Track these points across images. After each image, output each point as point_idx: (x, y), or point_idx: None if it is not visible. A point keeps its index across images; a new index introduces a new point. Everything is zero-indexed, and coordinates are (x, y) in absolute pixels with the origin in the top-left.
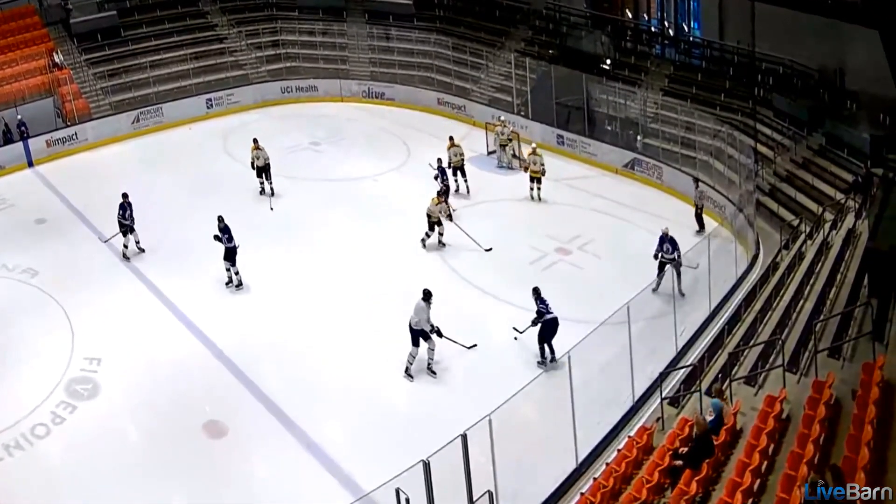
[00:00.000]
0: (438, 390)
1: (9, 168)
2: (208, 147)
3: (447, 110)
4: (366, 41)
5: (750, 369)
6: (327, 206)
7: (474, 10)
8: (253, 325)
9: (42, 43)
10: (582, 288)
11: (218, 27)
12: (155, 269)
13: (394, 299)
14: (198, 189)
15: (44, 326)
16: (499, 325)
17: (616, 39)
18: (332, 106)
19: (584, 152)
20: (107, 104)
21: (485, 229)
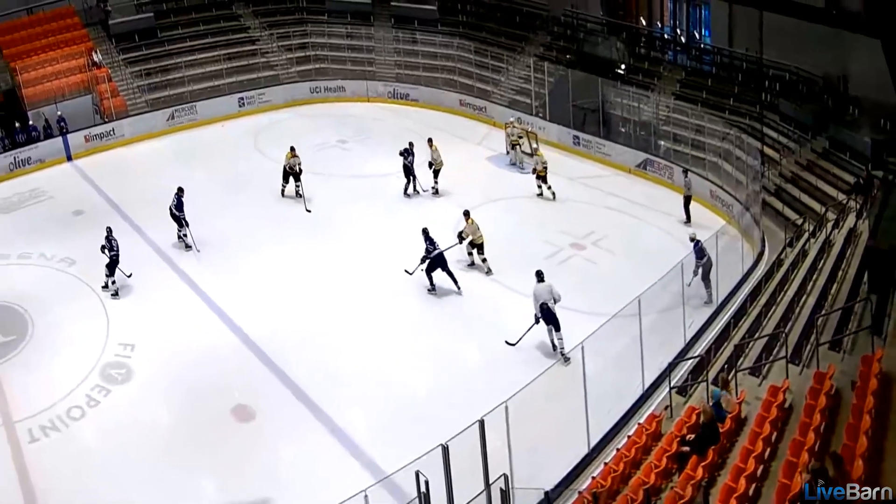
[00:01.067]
0: (457, 379)
1: (48, 162)
2: (240, 144)
3: (469, 111)
4: (392, 44)
5: (754, 361)
6: (354, 201)
7: (496, 16)
8: (281, 315)
9: (82, 43)
10: (595, 282)
11: (250, 29)
12: (188, 260)
13: (416, 293)
14: (229, 184)
15: (80, 313)
16: (515, 317)
17: (630, 46)
18: (358, 106)
19: (598, 152)
20: (143, 102)
21: (502, 225)
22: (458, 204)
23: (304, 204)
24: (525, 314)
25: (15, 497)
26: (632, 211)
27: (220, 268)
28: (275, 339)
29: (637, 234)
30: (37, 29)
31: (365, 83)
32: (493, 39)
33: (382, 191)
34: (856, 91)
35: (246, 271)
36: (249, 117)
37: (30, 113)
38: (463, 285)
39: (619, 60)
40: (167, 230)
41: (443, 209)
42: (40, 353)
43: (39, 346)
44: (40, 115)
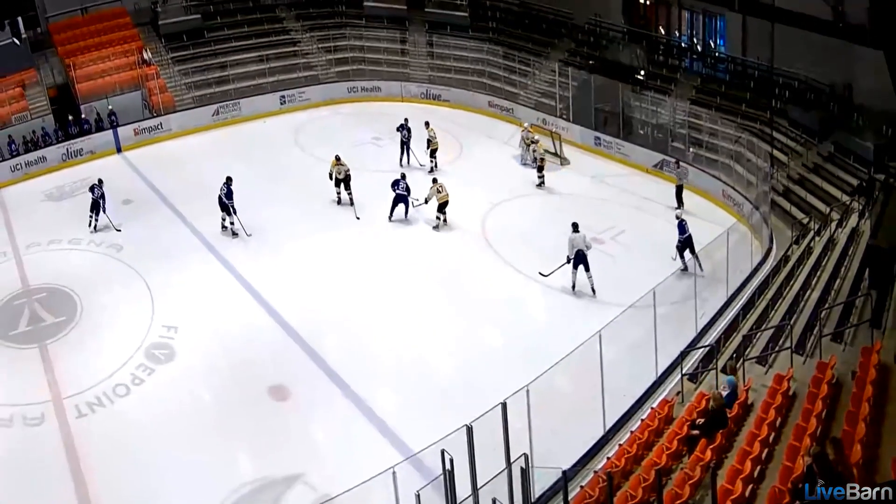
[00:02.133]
0: (481, 362)
1: (99, 153)
2: (281, 139)
3: (497, 112)
4: (425, 48)
5: (761, 350)
6: (387, 194)
7: (523, 23)
8: (317, 300)
9: (132, 42)
10: (613, 274)
11: (292, 32)
12: (230, 247)
13: (441, 278)
14: (270, 177)
15: (127, 296)
16: (536, 305)
17: (650, 53)
18: (393, 105)
19: (618, 153)
20: (190, 98)
21: (526, 218)
22: (487, 199)
23: (354, 211)
24: (547, 304)
25: (62, 469)
26: (648, 208)
27: (259, 255)
28: (310, 323)
29: (653, 230)
30: (91, 28)
31: (399, 84)
32: (521, 45)
33: (414, 184)
34: (860, 99)
35: (284, 258)
36: (290, 114)
37: (82, 107)
38: (488, 276)
39: (638, 67)
40: (211, 219)
41: (472, 201)
42: (88, 334)
43: (87, 326)
44: (92, 108)
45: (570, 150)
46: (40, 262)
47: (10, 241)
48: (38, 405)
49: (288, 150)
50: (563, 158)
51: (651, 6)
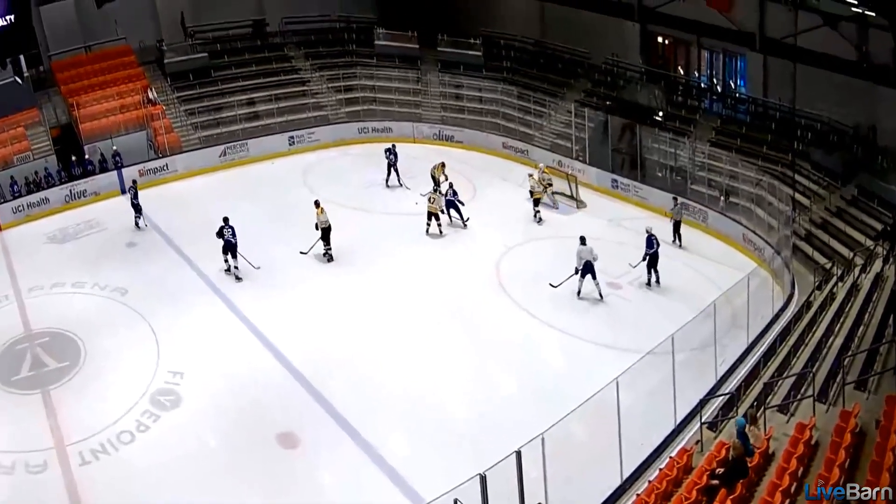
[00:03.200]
0: (495, 407)
1: (103, 194)
2: (289, 181)
3: (511, 153)
4: (438, 88)
5: (783, 398)
6: (398, 236)
7: (539, 62)
8: (324, 343)
9: (137, 80)
10: (630, 319)
11: (301, 71)
12: (235, 289)
13: (454, 321)
14: (277, 218)
15: (132, 341)
16: (552, 349)
17: (668, 93)
18: (404, 146)
19: (636, 195)
20: (196, 138)
21: (540, 261)
22: (501, 241)
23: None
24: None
25: None
26: (667, 252)
27: (265, 296)
28: (318, 367)
29: (671, 275)
30: (94, 66)
31: (411, 125)
32: (536, 85)
33: (423, 228)
34: (884, 141)
35: (290, 299)
36: (299, 155)
37: (86, 147)
38: (502, 319)
39: (657, 107)
40: (217, 261)
41: (486, 244)
42: (92, 379)
43: (91, 372)
44: (96, 149)
45: (587, 192)
46: (43, 305)
47: (11, 285)
48: (41, 452)
49: (296, 190)
50: (580, 201)
51: (670, 45)
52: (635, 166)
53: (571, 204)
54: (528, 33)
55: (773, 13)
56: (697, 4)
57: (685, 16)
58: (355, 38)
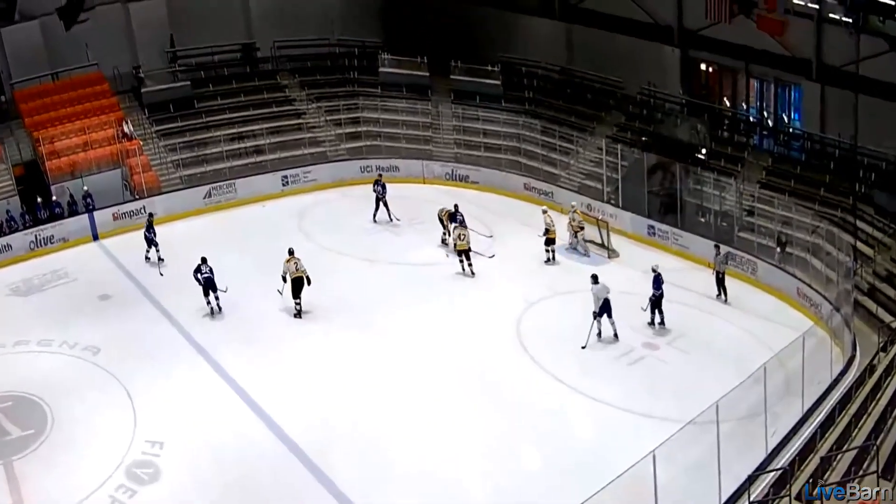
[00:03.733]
0: (519, 484)
1: (73, 241)
2: (283, 226)
3: (534, 196)
4: (451, 121)
5: (842, 475)
6: (405, 289)
7: (565, 92)
8: (324, 410)
9: (111, 112)
10: (669, 384)
11: (296, 102)
12: (222, 348)
13: (468, 386)
14: (268, 269)
15: (105, 406)
16: (581, 418)
17: (712, 128)
18: (413, 187)
19: (675, 244)
20: (177, 178)
21: (568, 319)
22: (521, 296)
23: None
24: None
25: None
26: (710, 308)
27: (256, 357)
28: (315, 437)
29: (716, 334)
30: (62, 96)
31: (421, 163)
32: (562, 118)
33: (434, 280)
34: None
35: (284, 361)
36: (293, 197)
37: (53, 187)
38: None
39: (699, 144)
40: (200, 317)
41: (505, 299)
42: (60, 449)
43: (60, 441)
44: (64, 189)
45: (620, 240)
46: (5, 366)
47: None
48: None
49: (290, 237)
50: (611, 250)
51: (714, 73)
52: (674, 211)
53: (602, 253)
54: (553, 59)
55: (831, 37)
56: (746, 27)
57: (732, 40)
58: (357, 65)
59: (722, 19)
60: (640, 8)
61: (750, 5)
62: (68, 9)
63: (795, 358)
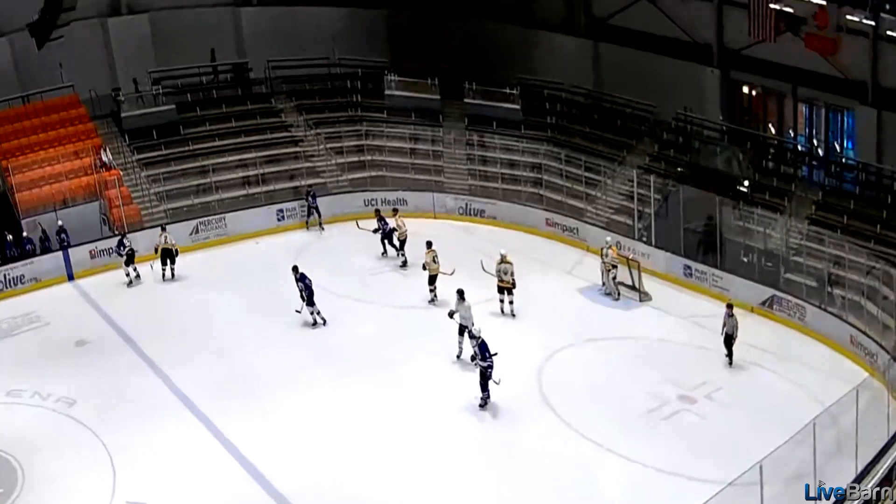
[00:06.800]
0: None
1: (45, 281)
2: (278, 265)
3: (557, 232)
4: (464, 150)
5: None
6: (414, 336)
7: (592, 118)
8: (324, 471)
9: (88, 139)
10: (708, 442)
11: (293, 128)
12: (212, 400)
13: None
14: (263, 312)
15: (81, 465)
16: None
17: (756, 158)
18: (422, 223)
19: (714, 286)
20: (161, 211)
21: (595, 371)
22: (541, 345)
23: None
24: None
25: None
26: (753, 357)
27: (250, 412)
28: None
29: (759, 387)
30: (34, 121)
31: (431, 196)
32: (589, 146)
33: (442, 326)
34: None
35: (279, 415)
36: (289, 233)
37: (24, 222)
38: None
39: (741, 175)
40: (187, 366)
41: (524, 347)
42: None
43: (30, 502)
44: (36, 224)
45: (652, 282)
46: None
47: None
48: None
49: (285, 278)
50: (643, 293)
51: (758, 97)
52: (714, 249)
53: (633, 296)
54: (578, 81)
55: (889, 57)
56: (793, 46)
57: (778, 60)
58: (360, 87)
59: (767, 38)
60: (675, 24)
61: (798, 22)
62: (40, 25)
63: (848, 413)
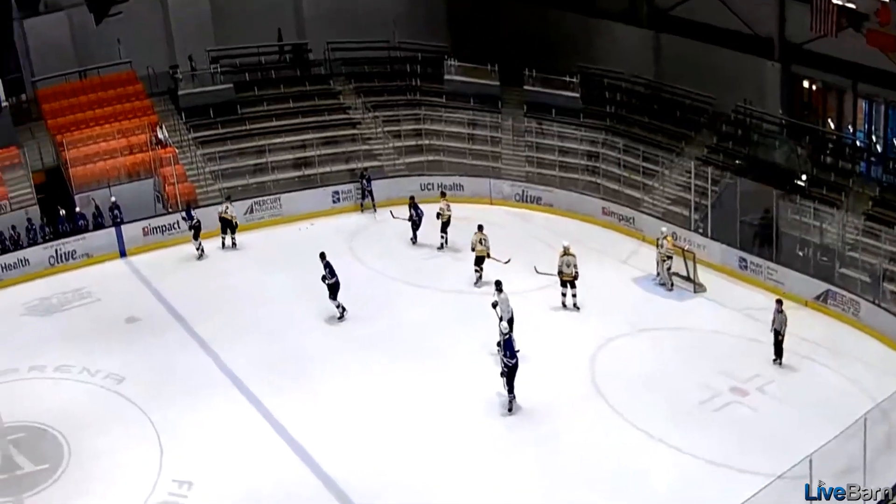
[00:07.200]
0: None
1: (97, 257)
2: (331, 247)
3: (613, 221)
4: (523, 136)
5: None
6: (461, 323)
7: (652, 108)
8: (373, 453)
9: (144, 116)
10: (759, 435)
11: (351, 110)
12: (262, 380)
13: (533, 432)
14: (316, 294)
15: (128, 441)
16: (661, 473)
17: (814, 152)
18: (478, 208)
19: (769, 279)
20: (216, 190)
21: (648, 361)
22: (595, 333)
23: None
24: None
25: None
26: (806, 351)
27: (301, 393)
28: (364, 485)
29: (811, 381)
30: (90, 96)
31: (488, 181)
32: (648, 137)
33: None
34: None
35: (328, 397)
36: (344, 216)
37: (77, 197)
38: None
39: (799, 169)
40: (237, 346)
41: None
42: (77, 488)
43: (76, 478)
44: (90, 200)
45: (707, 273)
46: (17, 393)
47: None
48: None
49: (338, 260)
50: (698, 284)
51: (818, 92)
52: (769, 242)
53: (687, 287)
54: (639, 71)
55: None
56: (855, 41)
57: (839, 55)
58: (420, 71)
59: (828, 32)
60: (737, 17)
61: (860, 18)
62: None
63: None
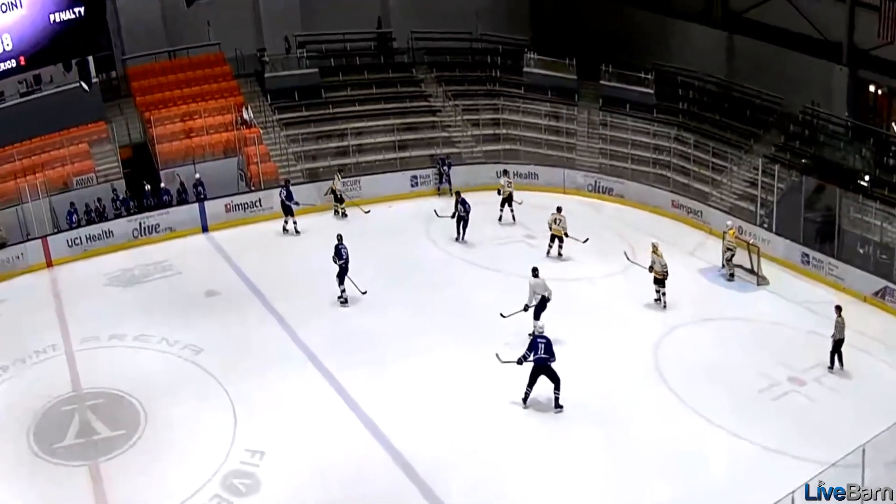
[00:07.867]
0: None
1: (180, 231)
2: (408, 230)
3: (681, 214)
4: (597, 129)
5: None
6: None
7: (723, 106)
8: (443, 432)
9: (231, 96)
10: (813, 424)
11: (432, 98)
12: (337, 357)
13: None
14: (391, 275)
15: (203, 410)
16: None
17: (878, 154)
18: (552, 197)
19: (830, 275)
20: (298, 171)
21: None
22: (661, 321)
23: None
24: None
25: None
26: (863, 345)
27: (375, 370)
28: (431, 459)
29: (867, 374)
30: (178, 76)
31: (562, 171)
32: (718, 133)
33: (569, 298)
34: None
35: (401, 375)
36: (422, 199)
37: (162, 173)
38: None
39: (862, 170)
40: (313, 322)
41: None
42: (152, 454)
43: (152, 444)
44: (175, 176)
45: (771, 267)
46: (97, 360)
47: (61, 333)
48: None
49: (414, 243)
50: (761, 277)
51: (884, 97)
52: (831, 239)
53: (751, 279)
54: (711, 70)
55: None
56: None
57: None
58: (500, 63)
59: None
60: (808, 21)
61: None
62: None
63: None
